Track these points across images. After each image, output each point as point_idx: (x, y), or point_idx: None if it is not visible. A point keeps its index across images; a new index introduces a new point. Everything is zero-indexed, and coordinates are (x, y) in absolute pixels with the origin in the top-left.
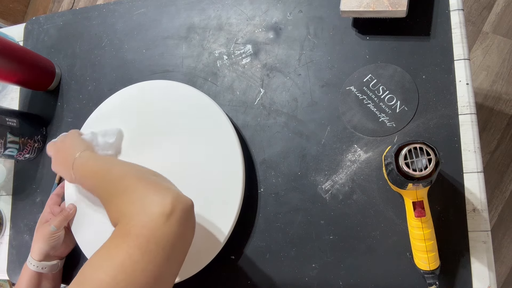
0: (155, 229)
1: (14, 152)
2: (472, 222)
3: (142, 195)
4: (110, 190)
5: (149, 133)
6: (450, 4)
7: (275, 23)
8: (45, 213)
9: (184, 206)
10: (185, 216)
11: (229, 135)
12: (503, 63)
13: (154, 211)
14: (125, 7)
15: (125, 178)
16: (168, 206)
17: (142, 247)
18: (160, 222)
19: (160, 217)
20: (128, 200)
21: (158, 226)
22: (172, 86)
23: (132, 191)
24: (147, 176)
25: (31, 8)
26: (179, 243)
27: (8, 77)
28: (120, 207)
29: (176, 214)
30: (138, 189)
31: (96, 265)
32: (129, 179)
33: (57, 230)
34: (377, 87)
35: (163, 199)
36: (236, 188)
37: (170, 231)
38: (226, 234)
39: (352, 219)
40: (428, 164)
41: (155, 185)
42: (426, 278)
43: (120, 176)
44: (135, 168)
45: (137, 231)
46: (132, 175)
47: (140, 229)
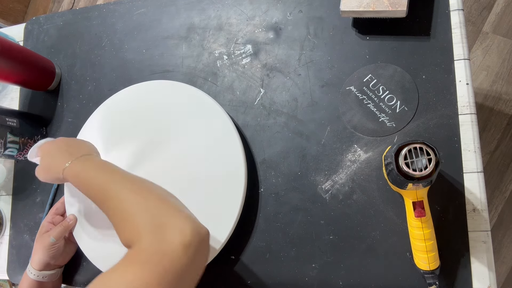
0: (174, 259)
1: (14, 152)
2: (472, 222)
3: (163, 219)
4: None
5: (150, 133)
6: (450, 4)
7: (275, 23)
8: (45, 223)
9: (202, 237)
10: (202, 247)
11: (231, 135)
12: (503, 63)
13: (175, 240)
14: (125, 7)
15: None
16: (188, 237)
17: (159, 277)
18: (179, 253)
19: (180, 247)
20: (148, 221)
21: (178, 257)
22: (173, 86)
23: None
24: (167, 198)
25: (31, 8)
26: (193, 272)
27: (8, 77)
28: (138, 228)
29: (195, 245)
30: (158, 212)
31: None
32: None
33: (56, 241)
34: (377, 87)
35: (184, 228)
36: (238, 188)
37: (187, 262)
38: (227, 234)
39: (352, 219)
40: (428, 164)
41: (177, 210)
42: (426, 278)
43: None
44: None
45: (157, 260)
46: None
47: (161, 258)
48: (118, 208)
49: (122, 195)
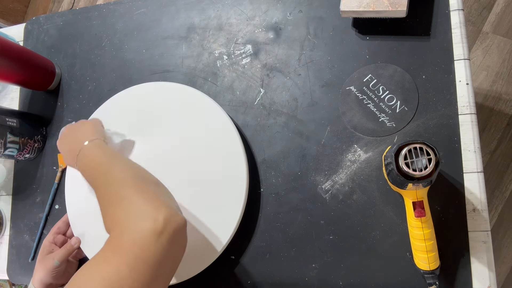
0: (145, 246)
1: (14, 152)
2: (472, 222)
3: (137, 208)
4: (107, 195)
5: (151, 135)
6: (450, 4)
7: (275, 23)
8: (47, 243)
9: (176, 225)
10: (176, 235)
11: (232, 136)
12: (503, 63)
13: (146, 228)
14: (125, 7)
15: (125, 185)
16: (160, 224)
17: (130, 264)
18: (150, 239)
19: (151, 234)
20: (123, 211)
21: (148, 243)
22: (172, 87)
23: (128, 202)
24: (147, 186)
25: (31, 8)
26: (167, 261)
27: (8, 77)
28: (115, 217)
29: (167, 233)
30: (134, 200)
31: (87, 276)
32: (128, 187)
33: (59, 264)
34: (377, 87)
35: (157, 216)
36: (240, 189)
37: (160, 249)
38: (230, 235)
39: (352, 219)
40: (428, 164)
41: (152, 198)
42: (426, 278)
43: (120, 181)
44: (137, 172)
45: (127, 247)
46: (132, 183)
47: (131, 245)
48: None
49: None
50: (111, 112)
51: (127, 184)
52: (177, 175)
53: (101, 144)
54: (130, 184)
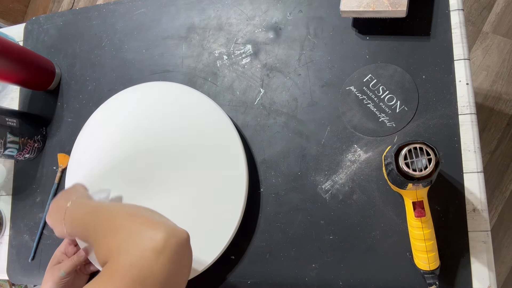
0: (143, 267)
1: (14, 152)
2: (472, 222)
3: (132, 232)
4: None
5: (149, 134)
6: (450, 4)
7: (275, 23)
8: (58, 253)
9: (179, 240)
10: (180, 252)
11: (231, 136)
12: (503, 63)
13: (144, 247)
14: (125, 7)
15: (116, 217)
16: (160, 241)
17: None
18: (150, 260)
19: (150, 254)
20: (119, 237)
21: (148, 264)
22: (172, 87)
23: (122, 229)
24: (140, 212)
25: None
26: (172, 281)
27: (8, 77)
28: (110, 245)
29: (169, 250)
30: (128, 226)
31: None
32: (120, 217)
33: (66, 276)
34: (377, 87)
35: (155, 234)
36: (240, 189)
37: (161, 269)
38: (230, 235)
39: (352, 219)
40: (428, 164)
41: (147, 220)
42: (426, 278)
43: (110, 216)
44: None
45: (125, 270)
46: (123, 213)
47: (128, 267)
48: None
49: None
50: (110, 112)
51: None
52: (176, 175)
53: (84, 201)
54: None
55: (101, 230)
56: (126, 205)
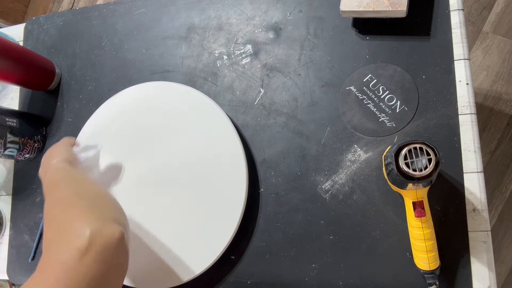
0: (67, 267)
1: (14, 152)
2: (472, 222)
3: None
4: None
5: (149, 134)
6: (450, 4)
7: (275, 23)
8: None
9: (107, 240)
10: (107, 252)
11: (231, 136)
12: (503, 63)
13: (70, 245)
14: (125, 7)
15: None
16: (85, 240)
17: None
18: (74, 259)
19: (75, 252)
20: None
21: (71, 264)
22: (171, 87)
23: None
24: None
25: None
26: (99, 283)
27: (8, 77)
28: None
29: (94, 250)
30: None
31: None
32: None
33: None
34: (377, 87)
35: (82, 231)
36: (240, 189)
37: (86, 270)
38: (230, 236)
39: (352, 219)
40: (428, 164)
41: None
42: (426, 278)
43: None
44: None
45: (50, 268)
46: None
47: (54, 265)
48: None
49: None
50: (110, 112)
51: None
52: (176, 175)
53: (61, 165)
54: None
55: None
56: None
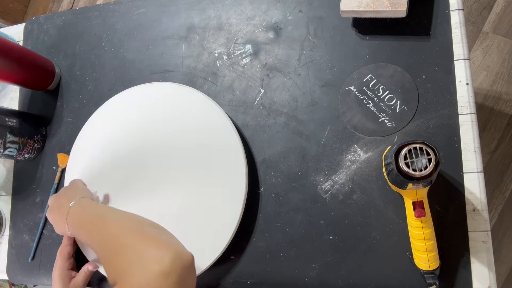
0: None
1: (14, 152)
2: (472, 222)
3: (139, 253)
4: (107, 248)
5: (149, 134)
6: (450, 4)
7: (275, 23)
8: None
9: (185, 263)
10: (185, 274)
11: (231, 136)
12: (503, 63)
13: (152, 270)
14: (125, 7)
15: (122, 234)
16: (167, 265)
17: None
18: (159, 281)
19: (159, 277)
20: (126, 260)
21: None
22: (172, 87)
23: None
24: (146, 230)
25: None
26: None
27: (8, 77)
28: (117, 267)
29: (175, 273)
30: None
31: None
32: (127, 235)
33: None
34: (377, 87)
35: (162, 256)
36: (239, 189)
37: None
38: (230, 236)
39: (352, 219)
40: (428, 164)
41: (154, 240)
42: (426, 278)
43: (117, 232)
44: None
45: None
46: (130, 231)
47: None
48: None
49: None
50: (110, 112)
51: (125, 232)
52: (176, 175)
53: (87, 202)
54: (128, 232)
55: (107, 249)
56: (131, 218)
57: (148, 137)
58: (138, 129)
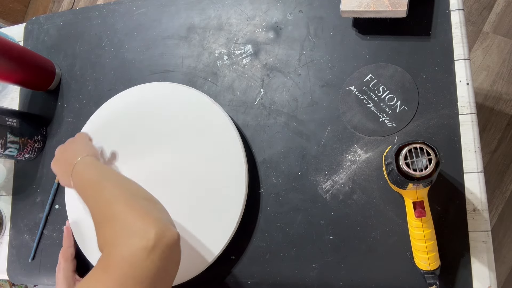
0: (134, 263)
1: (14, 152)
2: (473, 222)
3: (127, 225)
4: (99, 214)
5: (149, 134)
6: (450, 4)
7: (275, 23)
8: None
9: (169, 241)
10: (169, 251)
11: (231, 136)
12: (503, 63)
13: (136, 244)
14: (125, 7)
15: (115, 202)
16: (151, 240)
17: (120, 282)
18: (141, 256)
19: (142, 251)
20: (113, 229)
21: (138, 260)
22: (172, 87)
23: (118, 220)
24: (137, 202)
25: (31, 8)
26: (160, 279)
27: (8, 77)
28: (105, 235)
29: (159, 249)
30: (124, 218)
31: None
32: (118, 204)
33: None
34: (377, 87)
35: (147, 231)
36: (239, 189)
37: (151, 267)
38: (230, 235)
39: (352, 219)
40: (428, 164)
41: (143, 214)
42: (426, 278)
43: (110, 199)
44: (128, 188)
45: (117, 265)
46: (122, 200)
47: (120, 262)
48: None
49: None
50: (110, 112)
51: (117, 201)
52: (176, 175)
53: (92, 161)
54: (120, 201)
55: (99, 215)
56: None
57: (148, 137)
58: (138, 129)
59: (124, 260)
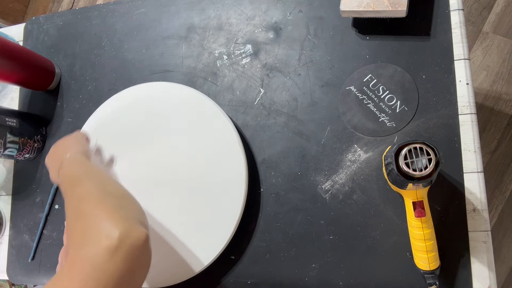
0: (97, 265)
1: (14, 152)
2: (472, 222)
3: (93, 224)
4: (70, 210)
5: (149, 135)
6: (450, 4)
7: (275, 23)
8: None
9: (135, 241)
10: (134, 253)
11: (231, 136)
12: (503, 63)
13: (100, 245)
14: (125, 7)
15: (85, 200)
16: (115, 241)
17: (82, 283)
18: (103, 258)
19: (105, 252)
20: (81, 228)
21: (101, 262)
22: (172, 87)
23: (86, 218)
24: (107, 200)
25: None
26: (125, 281)
27: (8, 77)
28: (74, 233)
29: (123, 250)
30: (91, 217)
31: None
32: (88, 202)
33: None
34: (377, 87)
35: (112, 232)
36: (239, 189)
37: (114, 268)
38: (229, 235)
39: (352, 219)
40: (428, 164)
41: (110, 213)
42: (426, 278)
43: (82, 196)
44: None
45: (80, 265)
46: (92, 198)
47: (83, 262)
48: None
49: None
50: (110, 112)
51: (89, 198)
52: (176, 175)
53: (79, 158)
54: (91, 199)
55: (71, 212)
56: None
57: (147, 137)
58: (138, 129)
59: (86, 261)
